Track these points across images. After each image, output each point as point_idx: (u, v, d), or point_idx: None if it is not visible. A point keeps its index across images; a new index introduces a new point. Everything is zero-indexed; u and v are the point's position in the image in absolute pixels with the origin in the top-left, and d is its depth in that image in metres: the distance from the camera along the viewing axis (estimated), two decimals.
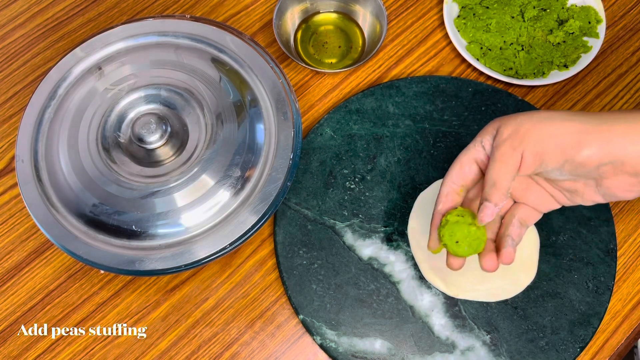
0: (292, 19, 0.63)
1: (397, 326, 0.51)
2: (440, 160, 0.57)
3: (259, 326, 0.53)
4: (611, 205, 0.56)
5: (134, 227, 0.48)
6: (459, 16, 0.63)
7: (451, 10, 0.63)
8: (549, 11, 0.63)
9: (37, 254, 0.55)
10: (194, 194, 0.48)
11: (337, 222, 0.55)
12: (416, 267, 0.53)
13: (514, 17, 0.62)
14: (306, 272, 0.53)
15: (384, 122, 0.58)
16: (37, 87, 0.53)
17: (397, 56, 0.63)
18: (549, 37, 0.61)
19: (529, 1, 0.63)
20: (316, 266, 0.53)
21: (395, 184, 0.56)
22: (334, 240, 0.54)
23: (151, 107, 0.51)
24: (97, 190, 0.49)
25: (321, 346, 0.51)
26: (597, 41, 0.61)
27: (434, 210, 0.44)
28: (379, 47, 0.59)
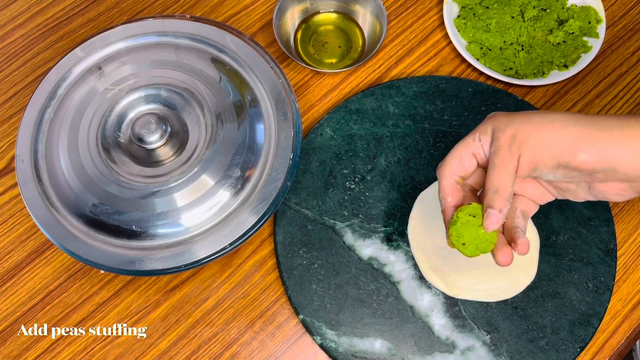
0: (292, 19, 0.63)
1: (397, 326, 0.51)
2: (440, 160, 0.56)
3: (259, 326, 0.53)
4: (611, 205, 0.56)
5: (134, 227, 0.48)
6: (459, 16, 0.63)
7: (451, 10, 0.63)
8: (549, 11, 0.63)
9: (37, 254, 0.55)
10: (194, 194, 0.48)
11: (337, 222, 0.55)
12: (416, 267, 0.53)
13: (514, 17, 0.62)
14: (306, 272, 0.53)
15: (384, 122, 0.58)
16: (37, 87, 0.53)
17: (397, 56, 0.63)
18: (549, 37, 0.61)
19: (529, 1, 0.63)
20: (316, 266, 0.53)
21: (395, 184, 0.56)
22: (334, 240, 0.54)
23: (151, 107, 0.51)
24: (97, 190, 0.49)
25: (321, 346, 0.51)
26: (597, 41, 0.61)
27: (443, 205, 0.44)
28: (379, 47, 0.59)
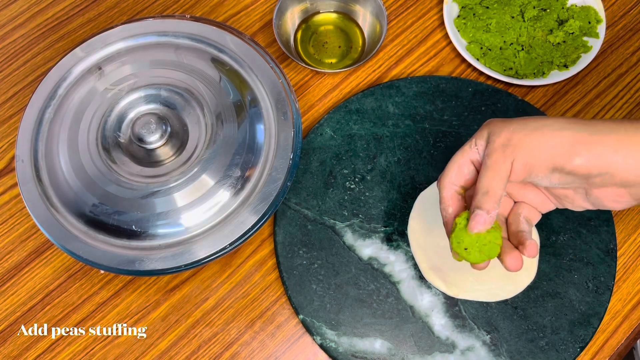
0: (292, 19, 0.63)
1: (397, 326, 0.51)
2: (440, 160, 0.57)
3: (259, 326, 0.53)
4: None
5: (134, 227, 0.48)
6: (459, 16, 0.63)
7: (451, 10, 0.63)
8: (549, 11, 0.63)
9: (37, 254, 0.55)
10: (194, 194, 0.48)
11: (337, 222, 0.55)
12: (416, 267, 0.53)
13: (514, 17, 0.62)
14: (306, 272, 0.53)
15: (384, 122, 0.58)
16: (37, 87, 0.53)
17: (397, 56, 0.63)
18: (549, 37, 0.61)
19: (529, 1, 0.63)
20: (316, 266, 0.53)
21: (395, 184, 0.56)
22: (334, 240, 0.54)
23: (151, 107, 0.51)
24: (97, 190, 0.49)
25: (321, 346, 0.51)
26: (597, 41, 0.61)
27: (444, 217, 0.43)
28: (379, 47, 0.59)
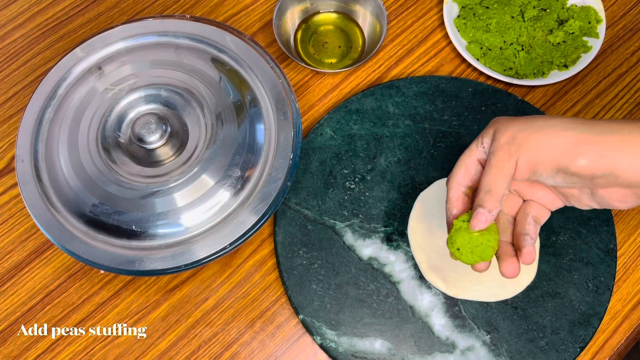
0: (292, 19, 0.63)
1: (397, 326, 0.51)
2: (440, 160, 0.57)
3: (259, 326, 0.53)
4: None
5: (134, 227, 0.48)
6: (459, 16, 0.63)
7: (451, 10, 0.63)
8: (549, 11, 0.63)
9: (37, 254, 0.55)
10: (194, 194, 0.48)
11: (337, 222, 0.55)
12: (416, 267, 0.53)
13: (514, 17, 0.62)
14: (306, 272, 0.53)
15: (384, 122, 0.58)
16: (37, 87, 0.53)
17: (397, 56, 0.63)
18: (549, 37, 0.61)
19: (529, 1, 0.63)
20: (316, 266, 0.53)
21: (395, 184, 0.56)
22: (334, 240, 0.54)
23: (151, 107, 0.51)
24: (97, 190, 0.49)
25: (321, 346, 0.51)
26: (597, 41, 0.61)
27: (447, 217, 0.43)
28: (379, 47, 0.59)
